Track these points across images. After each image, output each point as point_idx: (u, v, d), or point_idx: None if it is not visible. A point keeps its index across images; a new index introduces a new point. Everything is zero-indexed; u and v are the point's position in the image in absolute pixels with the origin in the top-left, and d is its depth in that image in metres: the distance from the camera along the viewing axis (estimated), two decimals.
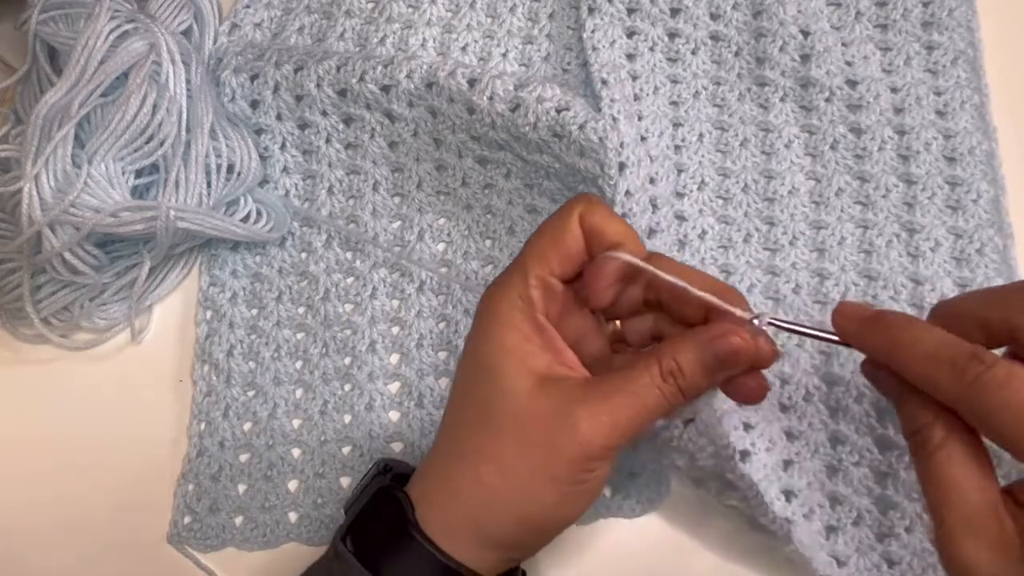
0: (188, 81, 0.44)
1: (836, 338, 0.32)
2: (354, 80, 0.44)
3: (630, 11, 0.48)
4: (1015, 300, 0.29)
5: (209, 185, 0.43)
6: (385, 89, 0.44)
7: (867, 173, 0.45)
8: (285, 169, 0.47)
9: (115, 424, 0.44)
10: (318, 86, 0.45)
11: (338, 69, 0.44)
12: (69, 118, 0.41)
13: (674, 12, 0.48)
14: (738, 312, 0.31)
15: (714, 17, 0.48)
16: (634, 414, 0.31)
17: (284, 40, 0.49)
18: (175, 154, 0.43)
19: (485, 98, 0.42)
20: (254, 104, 0.46)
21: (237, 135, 0.45)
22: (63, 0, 0.44)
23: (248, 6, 0.50)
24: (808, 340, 0.41)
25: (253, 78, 0.46)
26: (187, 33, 0.47)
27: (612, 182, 0.41)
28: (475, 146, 0.45)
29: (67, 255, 0.41)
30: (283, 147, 0.47)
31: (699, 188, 0.45)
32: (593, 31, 0.47)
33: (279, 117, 0.46)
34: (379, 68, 0.44)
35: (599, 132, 0.41)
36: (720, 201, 0.45)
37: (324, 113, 0.46)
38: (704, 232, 0.44)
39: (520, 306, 0.32)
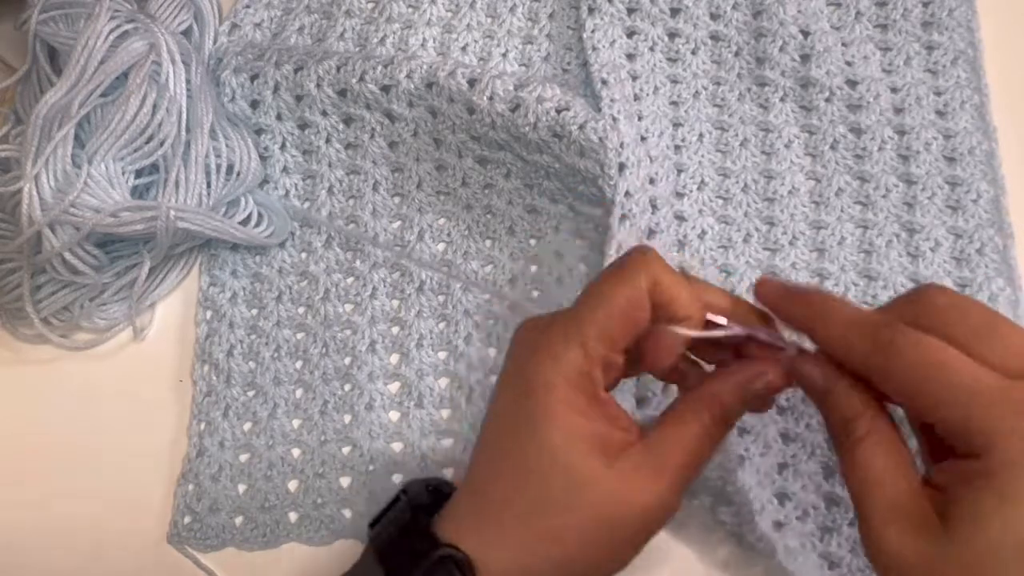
0: (188, 81, 0.44)
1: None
2: (354, 80, 0.44)
3: (630, 11, 0.48)
4: (917, 300, 0.30)
5: (209, 185, 0.43)
6: (385, 89, 0.44)
7: (867, 173, 0.45)
8: (285, 169, 0.47)
9: (115, 424, 0.44)
10: (318, 86, 0.45)
11: (338, 69, 0.44)
12: (69, 118, 0.41)
13: (674, 12, 0.48)
14: (791, 352, 0.31)
15: (714, 17, 0.48)
16: (694, 469, 0.31)
17: (284, 40, 0.49)
18: (175, 154, 0.43)
19: (485, 98, 0.42)
20: (254, 104, 0.46)
21: (237, 135, 0.45)
22: (63, 0, 0.44)
23: (248, 6, 0.50)
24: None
25: (253, 78, 0.46)
26: (187, 33, 0.47)
27: (612, 182, 0.41)
28: (475, 146, 0.45)
29: (67, 255, 0.41)
30: (283, 147, 0.47)
31: (699, 188, 0.45)
32: (593, 31, 0.47)
33: (279, 117, 0.46)
34: (379, 68, 0.44)
35: (599, 132, 0.41)
36: (720, 201, 0.45)
37: (324, 113, 0.46)
38: (704, 232, 0.44)
39: (581, 385, 0.31)
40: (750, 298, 0.42)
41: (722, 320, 0.32)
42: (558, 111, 0.41)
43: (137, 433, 0.44)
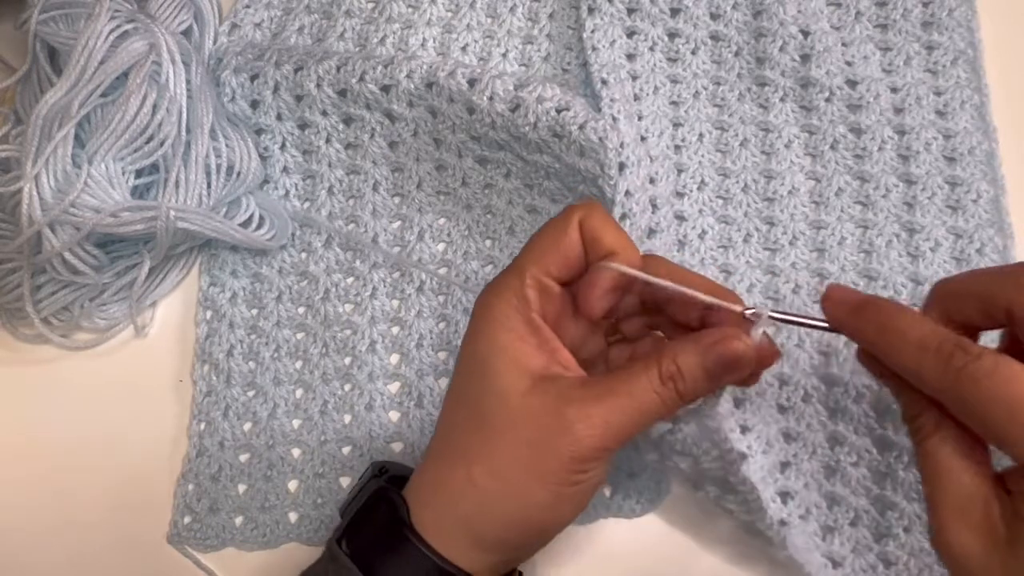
0: (188, 81, 0.44)
1: (830, 326, 0.31)
2: (354, 80, 0.44)
3: (630, 11, 0.48)
4: (1014, 279, 0.29)
5: (209, 186, 0.43)
6: (385, 89, 0.44)
7: (867, 173, 0.45)
8: (285, 169, 0.47)
9: (115, 424, 0.44)
10: (318, 86, 0.45)
11: (338, 69, 0.45)
12: (69, 118, 0.41)
13: (674, 12, 0.48)
14: (737, 308, 0.31)
15: (714, 17, 0.48)
16: (629, 416, 0.31)
17: (284, 40, 0.49)
18: (175, 154, 0.43)
19: (485, 98, 0.42)
20: (254, 104, 0.46)
21: (237, 135, 0.45)
22: (63, 0, 0.44)
23: (248, 6, 0.50)
24: (808, 340, 0.41)
25: (253, 78, 0.46)
26: (187, 33, 0.47)
27: (612, 182, 0.41)
28: (475, 146, 0.45)
29: (67, 255, 0.41)
30: (283, 147, 0.47)
31: (699, 188, 0.45)
32: (593, 31, 0.47)
33: (279, 117, 0.46)
34: (379, 68, 0.44)
35: (599, 132, 0.41)
36: (720, 201, 0.45)
37: (324, 113, 0.46)
38: (704, 232, 0.44)
39: (516, 305, 0.32)
40: (749, 299, 0.42)
41: (620, 266, 0.32)
42: (558, 111, 0.41)
43: (137, 433, 0.44)
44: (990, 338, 0.31)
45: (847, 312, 0.31)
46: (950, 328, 0.29)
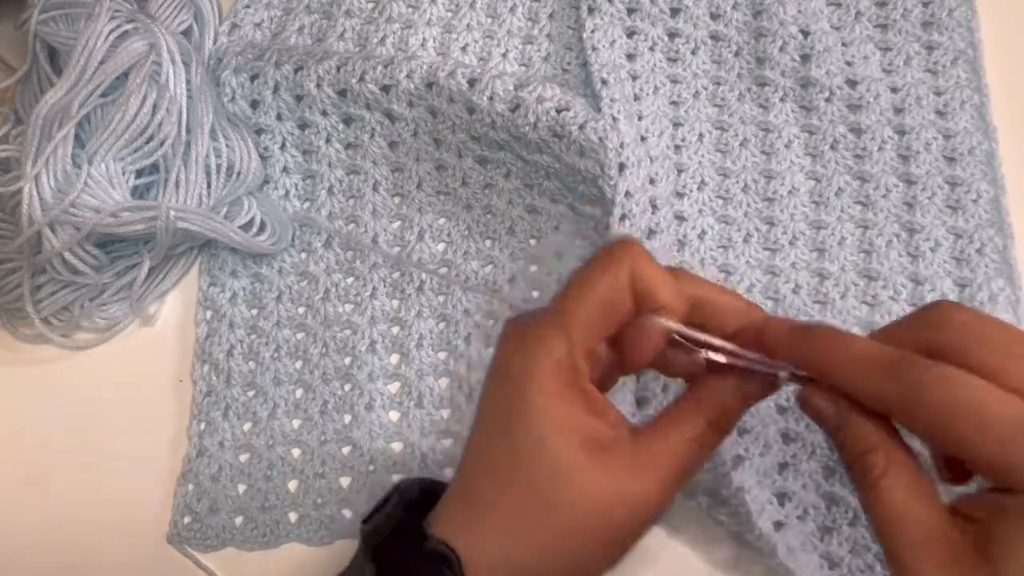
0: (188, 81, 0.44)
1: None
2: (354, 80, 0.44)
3: (630, 11, 0.48)
4: (933, 319, 0.29)
5: (209, 186, 0.43)
6: (385, 89, 0.44)
7: (867, 173, 0.45)
8: (285, 169, 0.47)
9: (115, 424, 0.44)
10: (318, 86, 0.45)
11: (338, 69, 0.45)
12: (69, 118, 0.41)
13: (674, 12, 0.48)
14: (778, 373, 0.31)
15: (714, 17, 0.48)
16: (686, 472, 0.31)
17: (284, 40, 0.49)
18: (175, 154, 0.43)
19: (485, 98, 0.42)
20: (254, 104, 0.46)
21: (237, 135, 0.45)
22: (63, 0, 0.44)
23: (248, 6, 0.50)
24: None
25: (253, 78, 0.46)
26: (187, 33, 0.47)
27: (612, 182, 0.41)
28: (475, 146, 0.45)
29: (67, 255, 0.41)
30: (283, 147, 0.47)
31: (699, 188, 0.45)
32: (593, 31, 0.47)
33: (279, 117, 0.46)
34: (379, 68, 0.44)
35: (599, 132, 0.41)
36: (720, 201, 0.45)
37: (324, 113, 0.46)
38: (704, 232, 0.44)
39: (564, 373, 0.30)
40: (749, 298, 0.42)
41: (673, 325, 0.31)
42: (558, 111, 0.41)
43: (137, 433, 0.44)
44: None
45: (786, 339, 0.30)
46: None
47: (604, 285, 0.31)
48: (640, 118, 0.46)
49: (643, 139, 0.45)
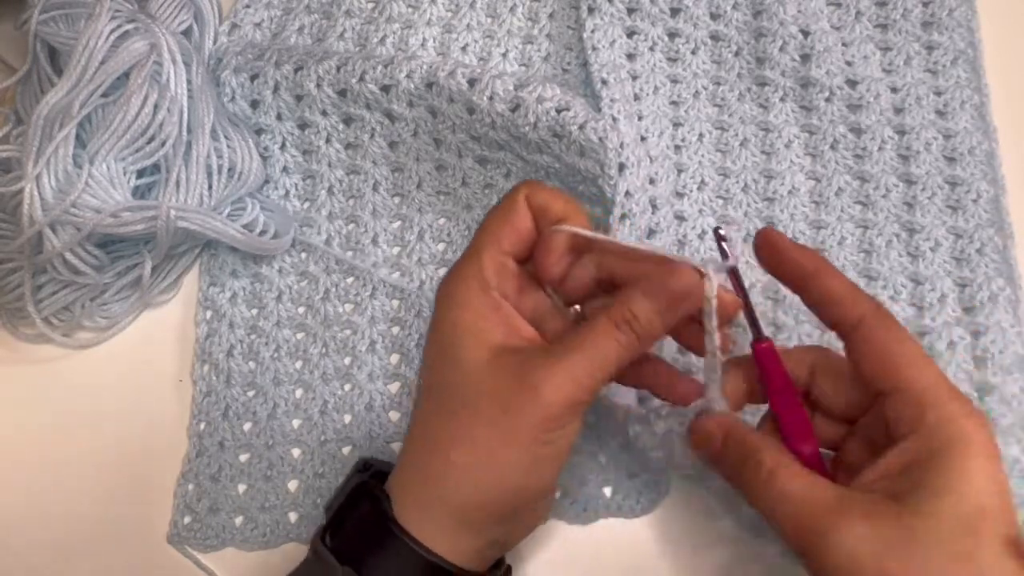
0: (189, 81, 0.44)
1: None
2: (354, 80, 0.44)
3: (630, 11, 0.48)
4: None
5: (210, 187, 0.43)
6: (385, 89, 0.44)
7: (867, 173, 0.45)
8: (285, 169, 0.47)
9: (115, 424, 0.44)
10: (318, 86, 0.45)
11: (338, 69, 0.45)
12: (70, 118, 0.41)
13: (674, 12, 0.48)
14: (689, 262, 0.32)
15: (714, 17, 0.48)
16: (592, 368, 0.31)
17: (284, 40, 0.49)
18: (176, 154, 0.43)
19: (485, 98, 0.42)
20: (254, 104, 0.46)
21: (238, 135, 0.45)
22: (64, 0, 0.44)
23: (248, 6, 0.50)
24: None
25: (253, 78, 0.46)
26: (187, 33, 0.47)
27: (612, 182, 0.41)
28: (475, 146, 0.45)
29: (68, 255, 0.41)
30: (283, 147, 0.47)
31: (699, 188, 0.45)
32: (593, 31, 0.47)
33: (279, 117, 0.46)
34: (379, 68, 0.44)
35: (599, 132, 0.41)
36: (720, 201, 0.45)
37: (324, 113, 0.46)
38: (704, 232, 0.44)
39: (474, 286, 0.33)
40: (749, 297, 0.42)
41: (572, 228, 0.33)
42: (558, 111, 0.41)
43: (137, 433, 0.44)
44: None
45: (785, 242, 0.33)
46: None
47: (500, 206, 0.34)
48: (640, 118, 0.46)
49: (643, 139, 0.45)
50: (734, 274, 0.33)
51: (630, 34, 0.48)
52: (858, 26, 0.47)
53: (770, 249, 0.33)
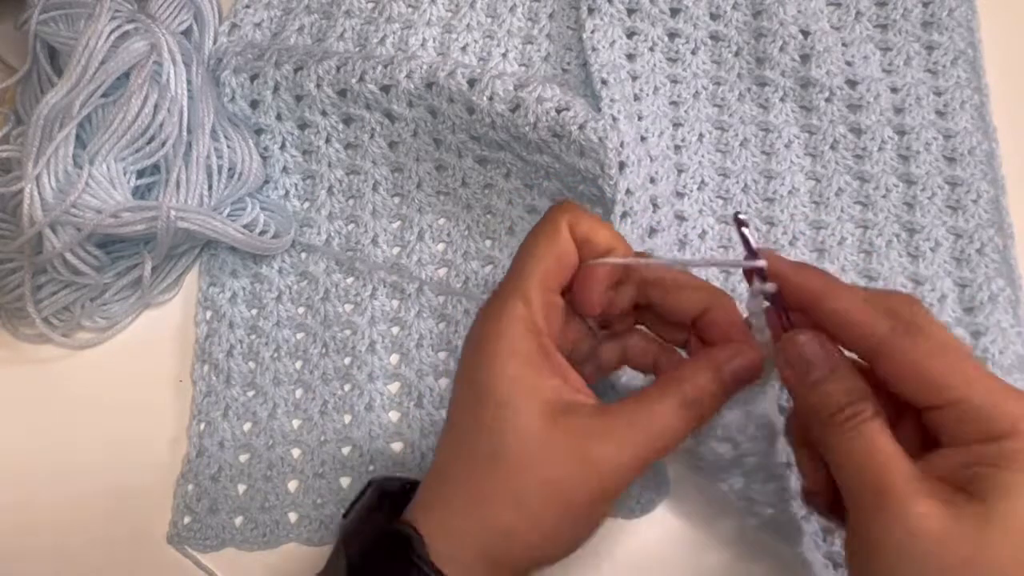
0: (189, 82, 0.44)
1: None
2: (354, 80, 0.44)
3: (630, 11, 0.48)
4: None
5: (210, 187, 0.43)
6: (385, 89, 0.44)
7: (867, 173, 0.45)
8: (285, 169, 0.47)
9: (115, 424, 0.44)
10: (318, 86, 0.45)
11: (338, 69, 0.45)
12: (70, 118, 0.41)
13: (674, 12, 0.48)
14: (744, 264, 0.31)
15: (714, 17, 0.48)
16: (653, 447, 0.30)
17: (284, 40, 0.49)
18: (176, 155, 0.43)
19: (485, 98, 0.42)
20: (254, 104, 0.46)
21: (238, 136, 0.45)
22: (63, 0, 0.44)
23: (248, 6, 0.50)
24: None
25: (253, 78, 0.46)
26: (187, 33, 0.47)
27: (612, 182, 0.41)
28: (475, 146, 0.45)
29: (68, 255, 0.41)
30: (283, 147, 0.47)
31: (699, 188, 0.45)
32: (593, 31, 0.47)
33: (279, 117, 0.46)
34: (379, 68, 0.44)
35: (599, 132, 0.41)
36: (720, 201, 0.45)
37: (324, 113, 0.46)
38: (704, 232, 0.44)
39: (522, 330, 0.31)
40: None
41: (615, 260, 0.32)
42: (558, 111, 0.41)
43: (137, 433, 0.44)
44: None
45: (791, 266, 0.31)
46: None
47: (546, 238, 0.32)
48: (640, 118, 0.46)
49: (643, 139, 0.45)
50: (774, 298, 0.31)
51: (630, 34, 0.48)
52: (858, 26, 0.47)
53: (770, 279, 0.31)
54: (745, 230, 0.31)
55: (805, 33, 0.46)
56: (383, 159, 0.47)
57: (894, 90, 0.46)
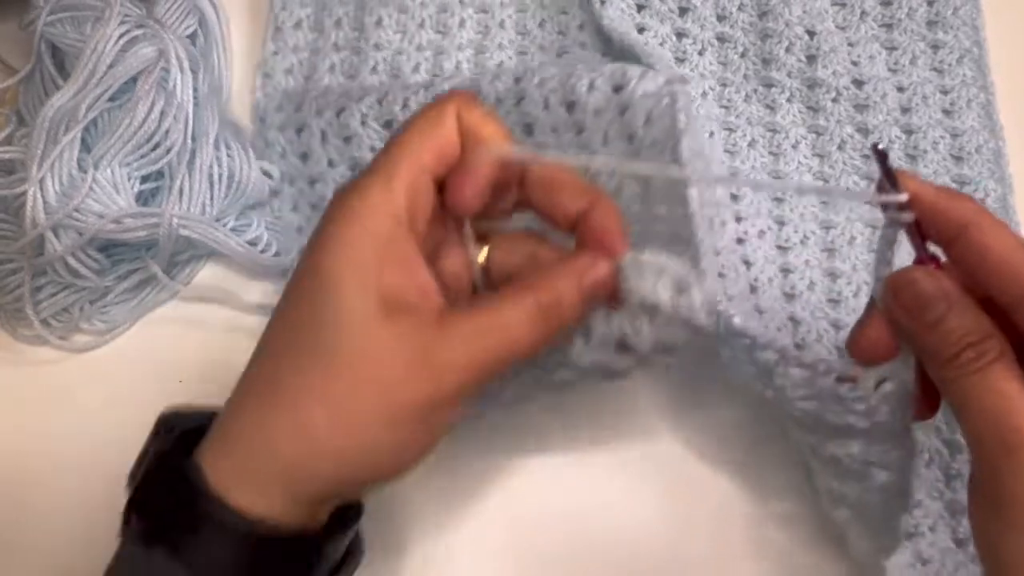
0: (195, 89, 0.44)
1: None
2: (398, 108, 0.43)
3: (639, 7, 0.48)
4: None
5: (212, 196, 0.43)
6: None
7: (875, 173, 0.45)
8: None
9: (114, 425, 0.42)
10: (363, 123, 0.43)
11: (380, 103, 0.43)
12: (76, 122, 0.41)
13: (682, 11, 0.48)
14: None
15: (720, 18, 0.48)
16: (499, 354, 0.27)
17: (317, 81, 0.48)
18: (180, 162, 0.43)
19: (533, 85, 0.39)
20: (303, 156, 0.45)
21: (238, 145, 0.45)
22: (71, 2, 0.44)
23: (276, 53, 0.49)
24: None
25: (299, 131, 0.45)
26: (192, 38, 0.47)
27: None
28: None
29: (69, 259, 0.41)
30: None
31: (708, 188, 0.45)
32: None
33: (331, 164, 0.45)
34: (421, 92, 0.42)
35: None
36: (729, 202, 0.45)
37: (373, 149, 0.44)
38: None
39: (381, 218, 0.27)
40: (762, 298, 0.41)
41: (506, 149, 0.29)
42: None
43: (136, 434, 0.42)
44: None
45: (937, 193, 0.28)
46: None
47: (428, 124, 0.29)
48: None
49: None
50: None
51: (640, 30, 0.48)
52: (863, 26, 0.47)
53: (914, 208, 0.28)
54: (886, 163, 0.28)
55: (811, 33, 0.46)
56: None
57: (900, 89, 0.46)
